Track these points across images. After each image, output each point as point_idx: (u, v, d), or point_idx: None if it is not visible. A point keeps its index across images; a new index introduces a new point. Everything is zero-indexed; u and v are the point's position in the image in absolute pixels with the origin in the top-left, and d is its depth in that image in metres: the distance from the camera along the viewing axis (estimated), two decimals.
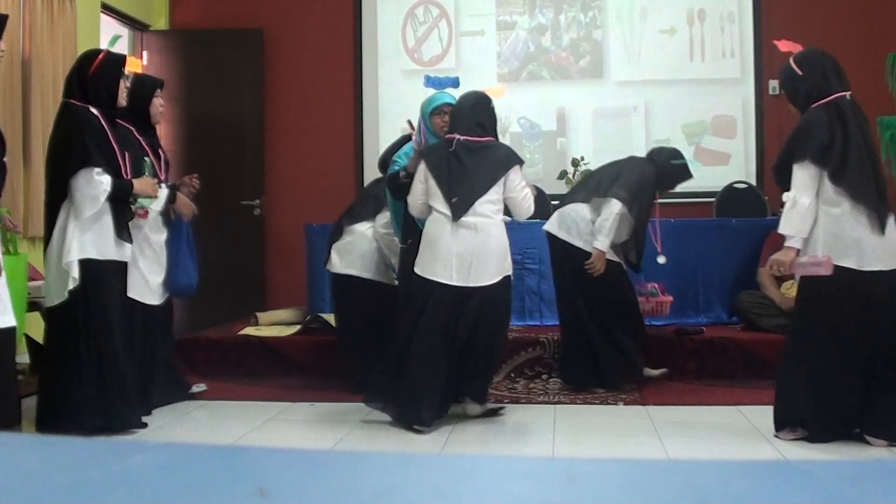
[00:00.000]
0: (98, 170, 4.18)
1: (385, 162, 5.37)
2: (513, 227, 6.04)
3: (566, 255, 5.13)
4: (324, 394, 5.23)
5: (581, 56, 7.52)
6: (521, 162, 4.59)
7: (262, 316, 6.38)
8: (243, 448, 0.81)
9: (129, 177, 4.37)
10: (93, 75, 4.33)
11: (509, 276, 4.55)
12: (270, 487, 0.69)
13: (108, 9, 6.89)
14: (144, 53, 7.59)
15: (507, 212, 5.96)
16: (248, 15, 7.67)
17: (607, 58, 7.50)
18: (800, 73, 4.07)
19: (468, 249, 4.38)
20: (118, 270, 4.37)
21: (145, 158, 4.52)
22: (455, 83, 4.81)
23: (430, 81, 4.79)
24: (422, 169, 4.54)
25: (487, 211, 4.44)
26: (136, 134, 4.76)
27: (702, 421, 4.52)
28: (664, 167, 5.20)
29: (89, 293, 4.17)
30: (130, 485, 0.72)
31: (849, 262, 3.88)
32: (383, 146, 7.54)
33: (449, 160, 4.49)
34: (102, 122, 4.29)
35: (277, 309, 6.68)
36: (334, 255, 5.32)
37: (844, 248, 3.89)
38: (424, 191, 4.54)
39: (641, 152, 7.31)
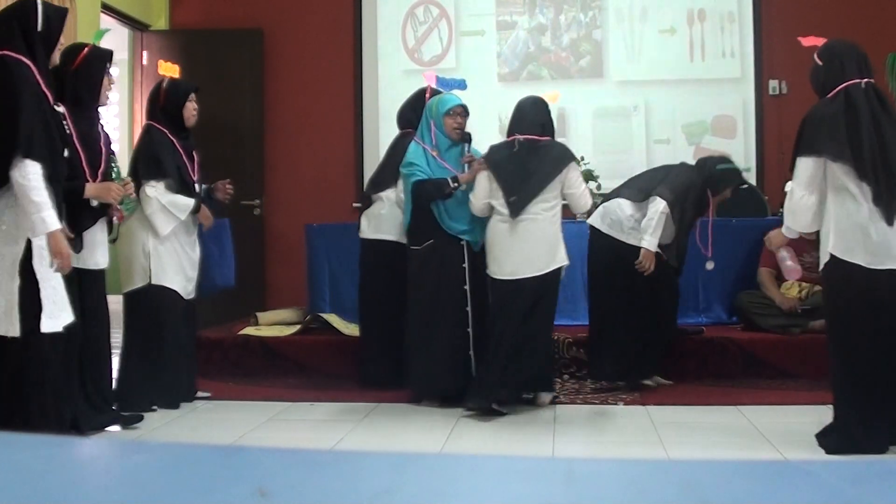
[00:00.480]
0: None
1: (404, 115, 5.47)
2: None
3: (608, 249, 5.10)
4: (324, 394, 5.23)
5: (581, 56, 7.52)
6: (576, 159, 4.83)
7: (262, 316, 6.38)
8: (243, 448, 0.82)
9: (98, 181, 4.20)
10: (76, 70, 4.21)
11: (560, 268, 4.75)
12: (270, 487, 0.69)
13: (108, 9, 6.90)
14: (144, 53, 7.60)
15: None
16: (248, 15, 7.66)
17: (607, 57, 7.50)
18: (819, 63, 3.99)
19: (524, 244, 4.63)
20: (88, 279, 4.24)
21: (114, 166, 4.38)
22: (462, 85, 5.07)
23: (441, 82, 5.05)
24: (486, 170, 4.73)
25: (544, 208, 4.67)
26: (170, 136, 4.84)
27: (702, 421, 4.52)
28: (711, 173, 5.13)
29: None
30: (131, 484, 0.72)
31: (858, 259, 3.73)
32: (383, 146, 7.53)
33: (511, 159, 4.69)
34: (67, 119, 4.07)
35: (277, 309, 6.68)
36: (363, 222, 5.45)
37: (853, 243, 3.74)
38: (488, 190, 4.71)
39: (641, 153, 7.35)
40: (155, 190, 4.75)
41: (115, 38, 7.60)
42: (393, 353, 5.18)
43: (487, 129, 7.50)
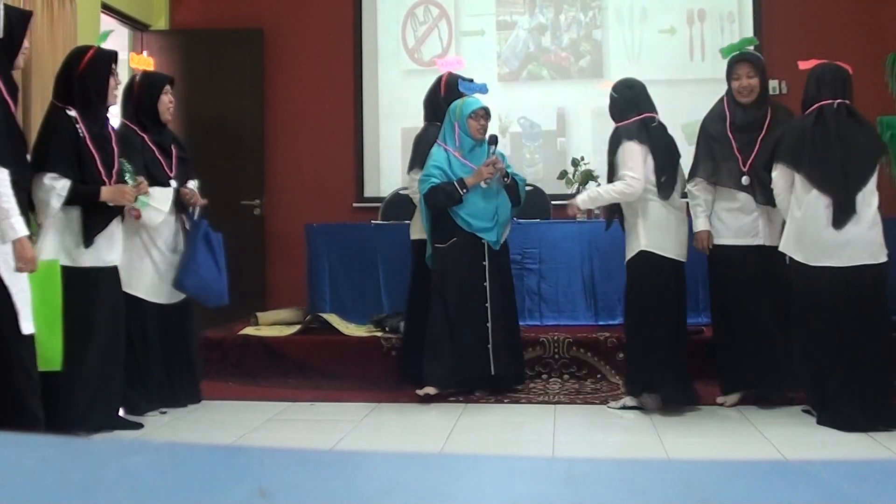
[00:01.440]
0: (51, 175, 4.03)
1: (425, 107, 5.49)
2: (513, 227, 6.05)
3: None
4: (324, 394, 5.23)
5: (581, 56, 7.52)
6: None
7: (262, 316, 6.38)
8: (243, 448, 0.81)
9: (113, 180, 4.25)
10: (81, 73, 4.23)
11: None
12: (271, 487, 0.69)
13: (108, 9, 6.89)
14: (144, 53, 7.60)
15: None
16: (249, 15, 7.66)
17: (607, 58, 7.49)
18: (806, 85, 4.47)
19: (681, 225, 4.80)
20: (104, 276, 4.28)
21: (126, 166, 4.37)
22: (484, 89, 5.29)
23: (465, 86, 5.23)
24: (640, 150, 4.73)
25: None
26: (140, 133, 4.75)
27: (701, 420, 4.53)
28: None
29: (70, 298, 3.99)
30: (130, 484, 0.72)
31: (798, 256, 4.34)
32: (384, 146, 7.57)
33: (657, 137, 4.83)
34: (80, 124, 4.15)
35: (277, 309, 6.69)
36: (412, 223, 5.47)
37: (800, 241, 4.32)
38: (645, 172, 4.74)
39: None
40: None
41: (115, 39, 7.59)
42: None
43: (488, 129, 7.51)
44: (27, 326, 3.60)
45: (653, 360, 4.67)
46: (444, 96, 5.30)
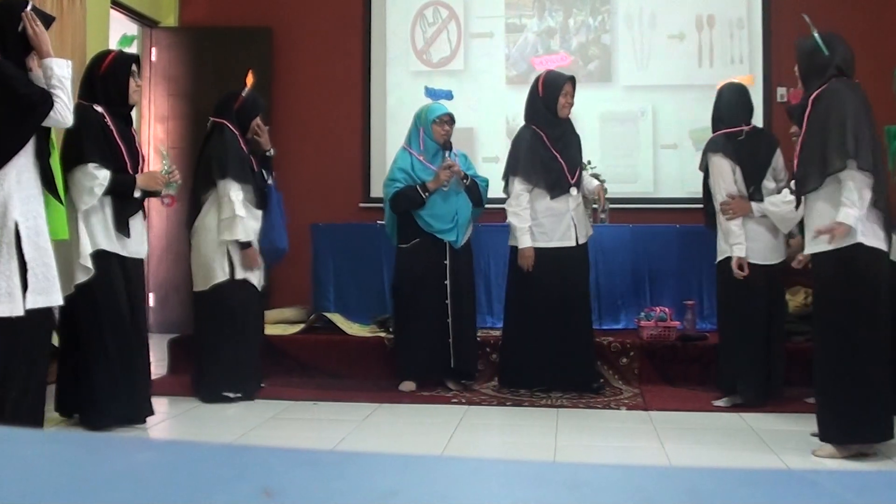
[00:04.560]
0: (93, 164, 4.24)
1: (531, 102, 5.40)
2: None
3: None
4: (326, 393, 5.23)
5: (589, 60, 7.52)
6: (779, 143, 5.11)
7: (266, 314, 6.38)
8: (248, 447, 0.82)
9: (139, 171, 4.46)
10: (103, 74, 4.41)
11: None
12: (274, 486, 0.69)
13: (117, 5, 6.91)
14: (153, 50, 7.61)
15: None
16: (258, 13, 7.67)
17: (616, 62, 7.49)
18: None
19: (769, 231, 4.87)
20: (130, 266, 4.42)
21: (162, 149, 4.65)
22: (449, 96, 5.43)
23: (429, 92, 5.40)
24: (726, 163, 4.88)
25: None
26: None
27: (704, 426, 4.52)
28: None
29: (95, 285, 4.22)
30: (135, 482, 0.72)
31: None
32: (391, 147, 7.55)
33: (743, 148, 4.90)
34: (107, 119, 4.34)
35: (282, 308, 6.69)
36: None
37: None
38: (733, 181, 4.86)
39: (648, 157, 7.34)
40: (236, 193, 5.02)
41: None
42: (535, 354, 5.17)
43: (495, 131, 7.52)
44: (33, 300, 3.63)
45: (735, 363, 4.88)
46: (542, 96, 5.30)
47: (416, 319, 5.30)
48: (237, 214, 4.94)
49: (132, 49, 4.69)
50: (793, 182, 4.23)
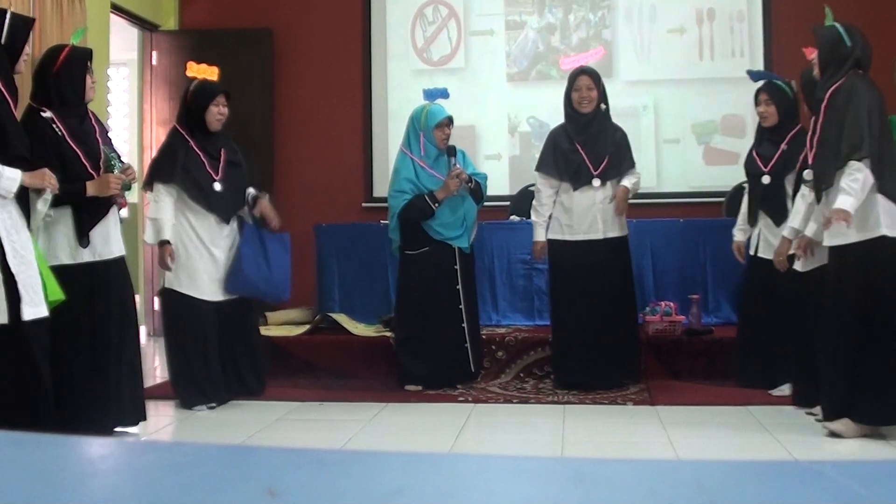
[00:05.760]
0: None
1: (565, 101, 5.37)
2: (520, 227, 6.05)
3: None
4: (332, 393, 5.23)
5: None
6: None
7: (271, 315, 6.38)
8: (252, 448, 0.82)
9: (101, 172, 4.17)
10: (57, 73, 4.16)
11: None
12: (280, 487, 0.69)
13: (117, 9, 6.91)
14: (154, 54, 7.61)
15: (517, 212, 5.95)
16: (258, 15, 7.67)
17: (617, 57, 7.48)
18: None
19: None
20: (99, 267, 4.22)
21: (111, 154, 4.27)
22: (445, 94, 5.38)
23: (427, 93, 5.39)
24: None
25: None
26: (188, 137, 4.95)
27: (711, 421, 4.51)
28: None
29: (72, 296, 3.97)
30: (139, 484, 0.72)
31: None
32: (392, 146, 7.54)
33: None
34: (56, 124, 4.08)
35: (287, 308, 6.69)
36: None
37: None
38: None
39: (651, 152, 7.34)
40: (154, 194, 4.89)
41: (125, 39, 7.63)
42: (587, 351, 5.18)
43: (496, 128, 7.52)
44: (30, 311, 3.61)
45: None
46: (565, 93, 5.35)
47: (429, 327, 5.24)
48: (147, 216, 4.93)
49: (84, 43, 4.47)
50: (807, 172, 4.24)
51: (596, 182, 5.16)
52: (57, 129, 4.06)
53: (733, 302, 6.14)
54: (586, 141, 5.22)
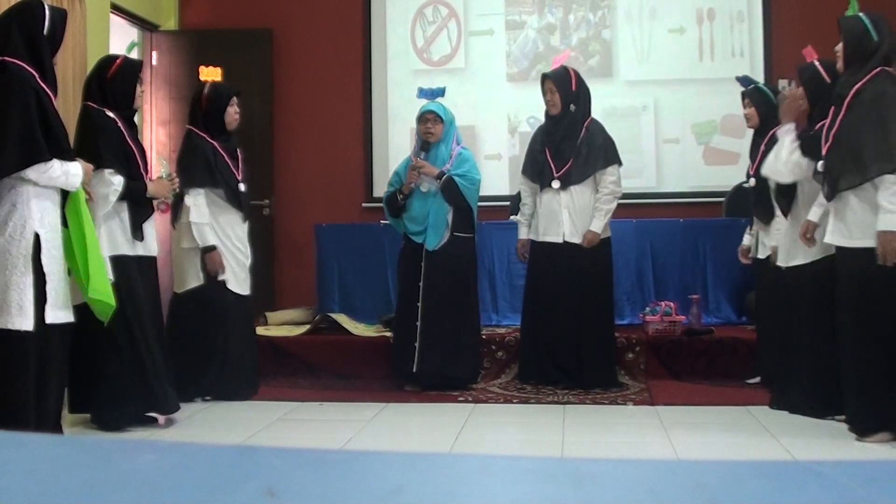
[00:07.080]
0: (109, 171, 4.31)
1: None
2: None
3: None
4: (333, 393, 5.23)
5: (590, 55, 7.51)
6: None
7: (271, 316, 6.39)
8: (252, 448, 0.82)
9: (148, 177, 4.56)
10: (111, 79, 4.48)
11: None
12: (280, 487, 0.69)
13: (117, 9, 6.91)
14: (154, 54, 7.61)
15: (517, 212, 5.95)
16: (258, 15, 7.67)
17: (616, 57, 7.48)
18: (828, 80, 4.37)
19: None
20: (145, 265, 4.53)
21: (161, 160, 4.73)
22: (440, 93, 5.41)
23: (421, 92, 5.44)
24: None
25: None
26: (210, 140, 5.11)
27: (711, 421, 4.52)
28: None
29: (119, 286, 4.20)
30: (140, 484, 0.72)
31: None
32: (393, 146, 7.57)
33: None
34: (119, 124, 4.41)
35: (287, 309, 6.69)
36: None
37: None
38: None
39: (650, 152, 7.33)
40: (193, 199, 5.02)
41: (124, 39, 7.62)
42: (543, 349, 5.29)
43: (496, 128, 7.51)
44: (53, 315, 3.66)
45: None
46: (574, 91, 5.39)
47: (396, 322, 5.45)
48: (190, 220, 5.00)
49: (134, 54, 4.81)
50: (820, 164, 4.13)
51: (556, 184, 5.20)
52: (121, 129, 4.43)
53: (733, 302, 6.15)
54: (552, 143, 5.32)
